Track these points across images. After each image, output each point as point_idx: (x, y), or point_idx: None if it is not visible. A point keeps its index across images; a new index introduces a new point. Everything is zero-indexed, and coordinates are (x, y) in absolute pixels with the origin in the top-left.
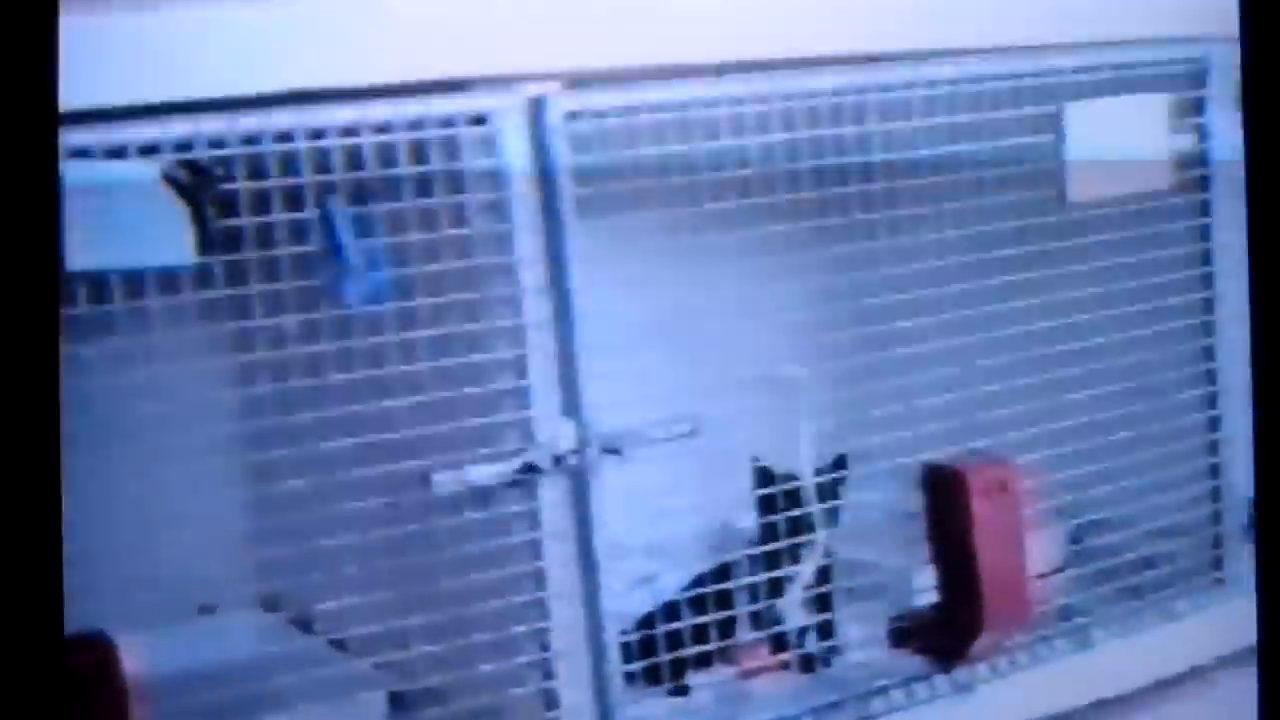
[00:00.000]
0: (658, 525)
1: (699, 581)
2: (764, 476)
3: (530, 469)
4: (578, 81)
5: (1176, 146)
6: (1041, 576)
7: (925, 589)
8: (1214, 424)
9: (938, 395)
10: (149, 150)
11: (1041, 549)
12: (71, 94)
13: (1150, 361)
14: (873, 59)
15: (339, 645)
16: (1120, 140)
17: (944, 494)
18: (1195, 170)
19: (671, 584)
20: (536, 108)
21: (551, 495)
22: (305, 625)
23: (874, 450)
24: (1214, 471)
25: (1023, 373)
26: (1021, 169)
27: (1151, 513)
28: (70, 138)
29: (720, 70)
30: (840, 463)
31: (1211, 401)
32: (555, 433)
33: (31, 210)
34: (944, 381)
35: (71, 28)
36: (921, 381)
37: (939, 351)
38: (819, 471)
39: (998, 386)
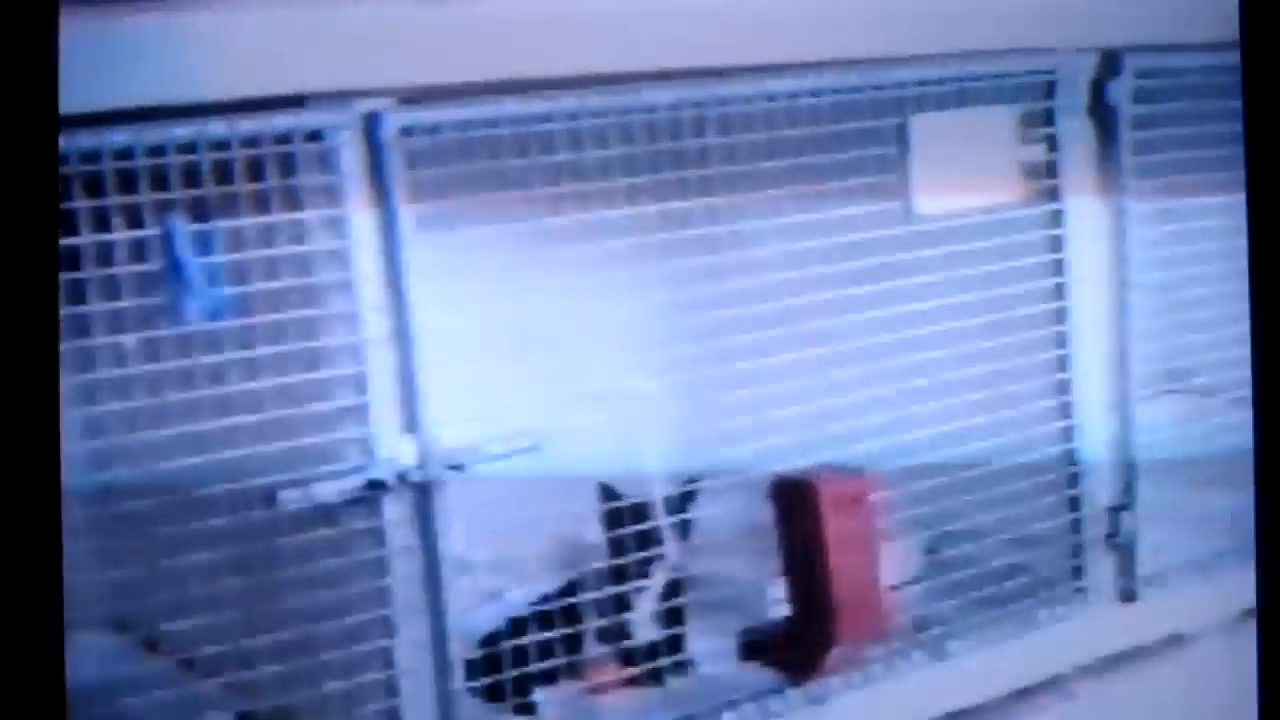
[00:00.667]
0: (503, 541)
1: (547, 597)
2: (607, 494)
3: (374, 486)
4: (413, 97)
5: (1026, 158)
6: (896, 588)
7: (777, 602)
8: (1070, 433)
9: (789, 407)
10: None
11: (895, 560)
12: None
13: (1005, 372)
14: (714, 73)
15: (187, 666)
16: (968, 152)
17: (795, 506)
18: (1045, 181)
19: (518, 600)
20: (371, 123)
21: (395, 512)
22: (153, 646)
23: (725, 463)
24: (1072, 481)
25: (876, 384)
26: (868, 181)
27: (1009, 523)
28: None
29: (558, 84)
30: (691, 479)
31: (1067, 411)
32: (398, 449)
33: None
34: (795, 394)
35: None
36: (772, 394)
37: (789, 364)
38: (671, 487)
39: (850, 398)
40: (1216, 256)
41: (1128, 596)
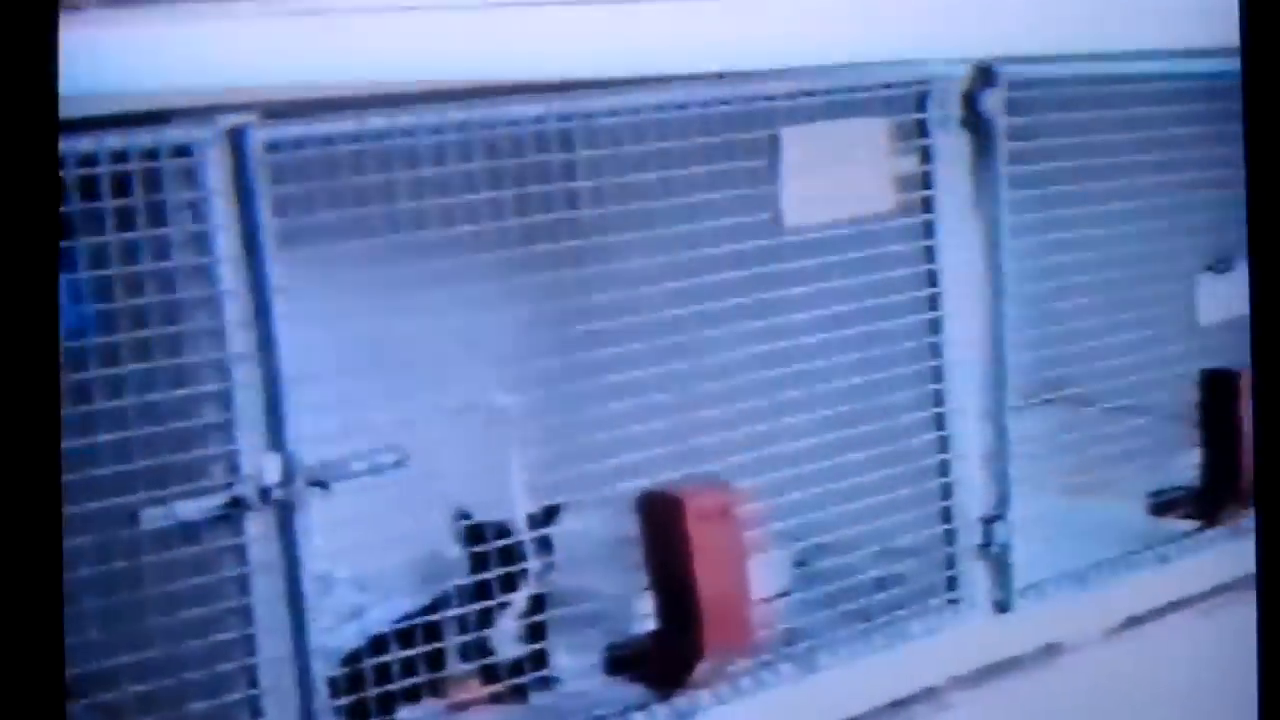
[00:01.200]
0: (366, 557)
1: (409, 615)
2: (460, 514)
3: (236, 503)
4: (278, 112)
5: (899, 169)
6: (765, 601)
7: (644, 616)
8: (944, 444)
9: (655, 421)
10: None
11: (764, 573)
12: None
13: (877, 383)
14: (580, 86)
15: None
16: (840, 164)
17: (661, 520)
18: (919, 192)
19: (381, 617)
20: (236, 138)
21: (258, 529)
22: None
23: (591, 477)
24: (945, 491)
25: (745, 397)
26: (737, 194)
27: (881, 534)
28: None
29: (423, 98)
30: (555, 493)
31: (940, 422)
32: (261, 466)
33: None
34: (662, 407)
35: None
36: (639, 407)
37: (656, 376)
38: (535, 502)
39: (719, 411)
40: (1093, 266)
41: (1002, 607)
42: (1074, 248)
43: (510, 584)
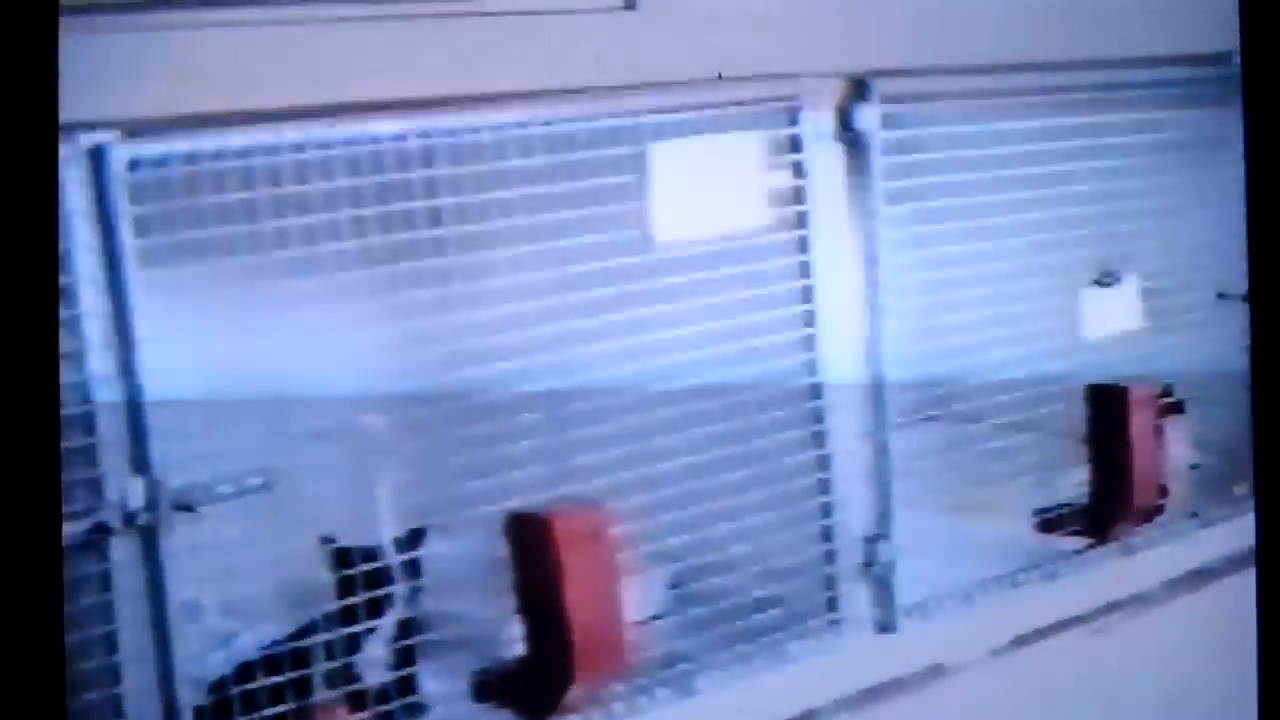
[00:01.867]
0: (233, 583)
1: (276, 641)
2: (325, 539)
3: (100, 528)
4: (139, 129)
5: (772, 184)
6: (639, 623)
7: (514, 640)
8: (824, 462)
9: (527, 441)
10: None
11: (638, 596)
12: None
13: (753, 402)
14: (445, 102)
15: None
16: (711, 179)
17: (531, 542)
18: (793, 207)
19: (248, 644)
20: (97, 156)
21: (122, 555)
22: None
23: (460, 499)
24: (826, 510)
25: (618, 416)
26: (607, 210)
27: (760, 554)
28: None
29: (284, 116)
30: (422, 516)
31: (820, 440)
32: (125, 490)
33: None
34: (533, 427)
35: None
36: (509, 427)
37: (527, 396)
38: (402, 525)
39: (593, 430)
40: (977, 281)
41: (885, 627)
42: (957, 262)
43: (377, 609)
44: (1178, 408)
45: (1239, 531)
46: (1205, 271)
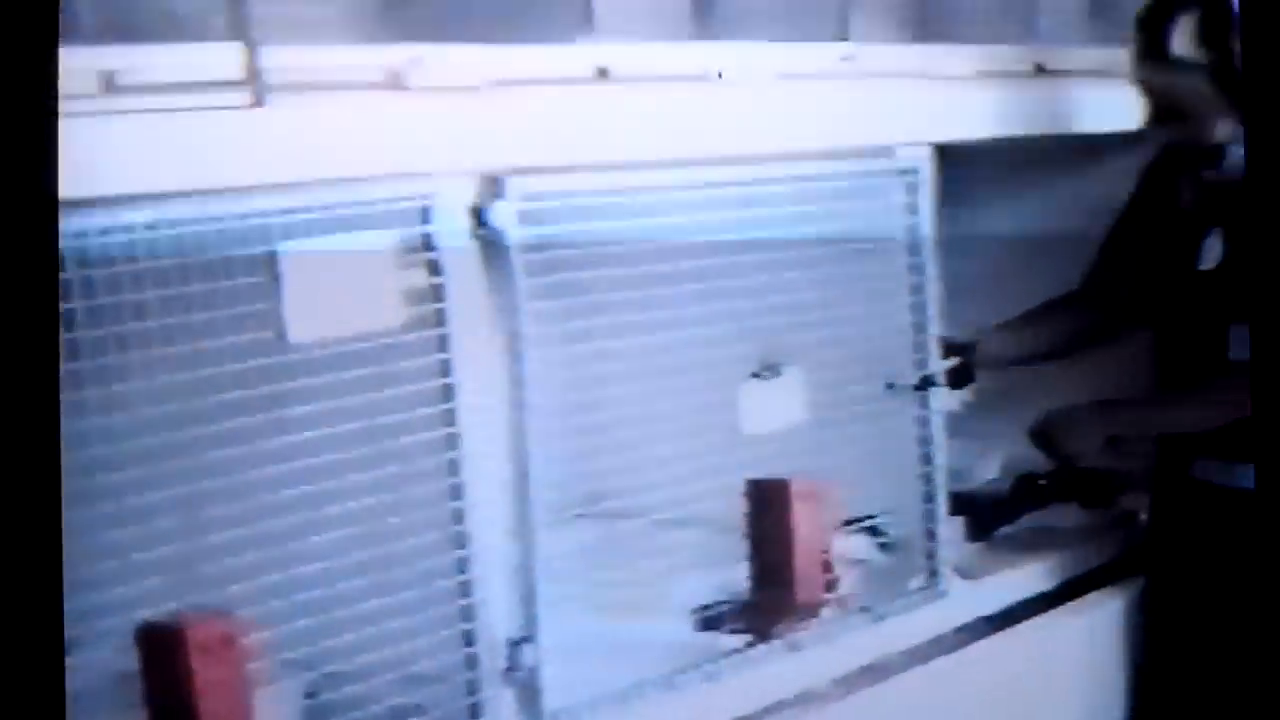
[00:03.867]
0: None
1: None
2: None
3: None
4: None
5: (406, 284)
6: None
7: None
8: (466, 564)
9: (158, 548)
10: None
11: (271, 706)
12: None
13: (393, 503)
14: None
15: None
16: (344, 279)
17: (160, 653)
18: (430, 306)
19: None
20: None
21: None
22: None
23: (89, 610)
24: (468, 614)
25: (252, 520)
26: (238, 310)
27: (400, 660)
28: None
29: None
30: None
31: (462, 541)
32: None
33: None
34: (166, 533)
35: None
36: (140, 534)
37: (161, 501)
38: None
39: (225, 536)
40: (628, 377)
41: None
42: (609, 358)
43: None
44: (845, 500)
45: (913, 625)
46: (873, 363)
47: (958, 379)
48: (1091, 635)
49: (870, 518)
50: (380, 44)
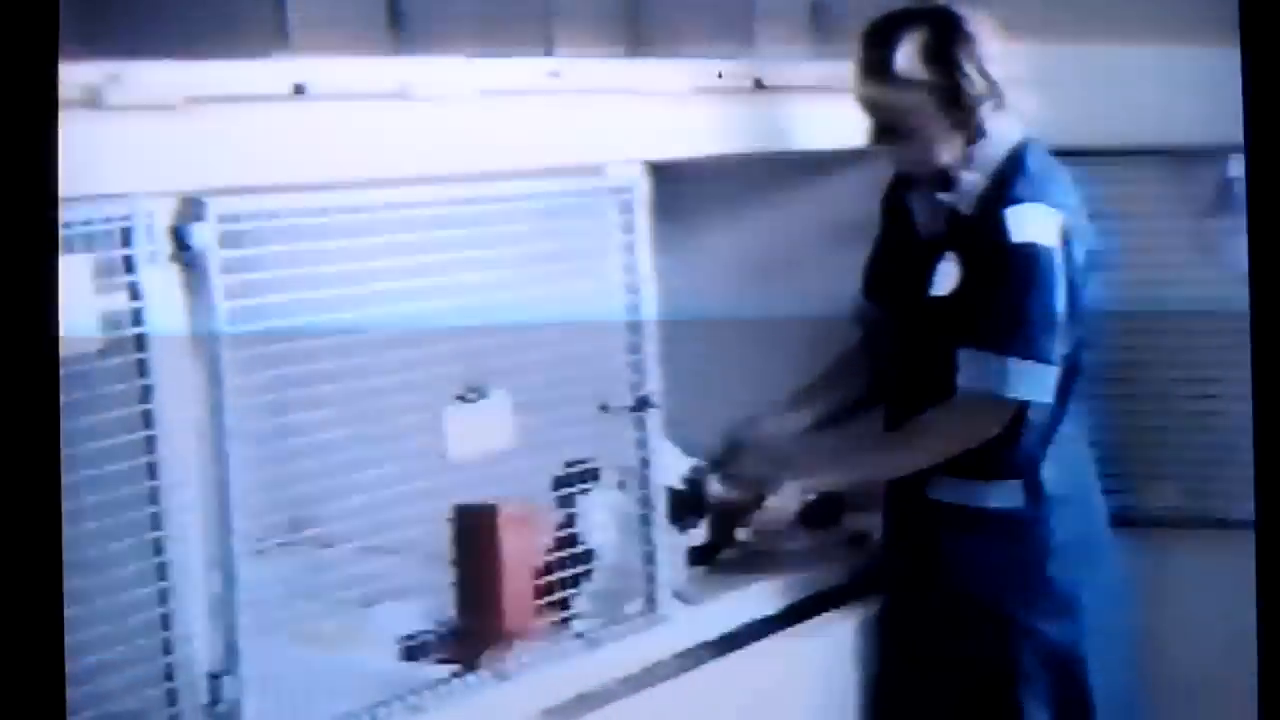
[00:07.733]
0: None
1: None
2: None
3: None
4: None
5: (105, 307)
6: None
7: None
8: (165, 596)
9: None
10: None
11: None
12: None
13: (93, 532)
14: None
15: None
16: None
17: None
18: (130, 330)
19: None
20: None
21: None
22: None
23: None
24: (167, 647)
25: None
26: None
27: (99, 697)
28: None
29: None
30: None
31: (162, 572)
32: None
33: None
34: None
35: None
36: None
37: None
38: None
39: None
40: (330, 401)
41: None
42: (310, 382)
43: None
44: (555, 524)
45: (629, 651)
46: (586, 385)
47: (684, 518)
48: (821, 658)
49: (582, 541)
50: (75, 61)
